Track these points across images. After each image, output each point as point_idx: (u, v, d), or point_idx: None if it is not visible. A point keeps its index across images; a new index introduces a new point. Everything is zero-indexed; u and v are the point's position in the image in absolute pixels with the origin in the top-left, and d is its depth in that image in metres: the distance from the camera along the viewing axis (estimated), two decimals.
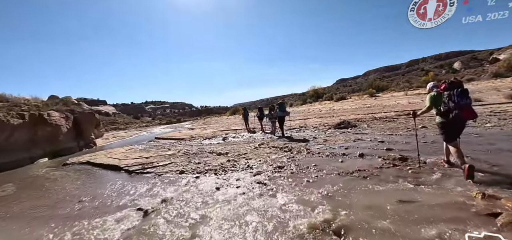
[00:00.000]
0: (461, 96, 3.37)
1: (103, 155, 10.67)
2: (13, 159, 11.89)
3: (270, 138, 9.41)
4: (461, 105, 3.36)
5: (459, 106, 3.37)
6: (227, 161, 6.48)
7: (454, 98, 3.39)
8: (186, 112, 76.27)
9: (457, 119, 3.46)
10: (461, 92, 3.39)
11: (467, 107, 3.38)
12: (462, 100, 3.36)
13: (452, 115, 3.46)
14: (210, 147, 9.26)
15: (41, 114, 13.73)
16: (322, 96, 34.13)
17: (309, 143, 7.32)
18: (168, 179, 5.80)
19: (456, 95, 3.39)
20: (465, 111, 3.39)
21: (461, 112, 3.38)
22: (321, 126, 11.49)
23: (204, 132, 15.85)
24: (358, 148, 5.95)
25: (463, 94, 3.38)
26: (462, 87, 3.44)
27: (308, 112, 20.02)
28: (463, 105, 3.36)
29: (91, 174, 7.90)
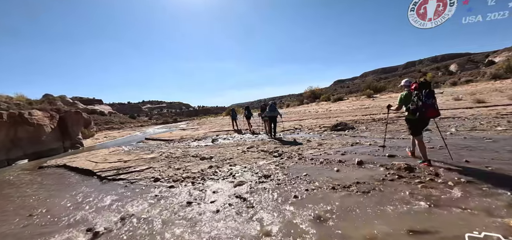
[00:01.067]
0: (428, 96, 3.70)
1: (83, 157, 9.85)
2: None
3: (261, 141, 8.64)
4: (428, 105, 3.69)
5: (426, 105, 3.69)
6: (209, 167, 5.70)
7: (423, 97, 3.71)
8: (183, 112, 75.26)
9: (423, 117, 3.80)
10: (429, 92, 3.71)
11: (432, 106, 3.71)
12: (428, 100, 3.69)
13: (420, 113, 3.78)
14: (197, 149, 8.47)
15: (22, 113, 12.85)
16: (319, 97, 33.43)
17: (302, 147, 6.55)
18: (139, 188, 5.05)
19: (424, 95, 3.70)
20: (431, 110, 3.72)
21: (427, 110, 3.71)
22: (316, 127, 10.74)
23: (195, 133, 15.04)
24: (356, 154, 5.19)
25: (430, 94, 3.71)
26: (430, 88, 3.76)
27: (304, 112, 19.28)
28: (429, 104, 3.69)
29: (61, 179, 7.09)
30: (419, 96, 3.76)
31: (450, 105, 12.45)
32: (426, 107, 3.71)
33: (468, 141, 5.41)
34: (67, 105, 50.69)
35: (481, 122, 7.57)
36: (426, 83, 3.82)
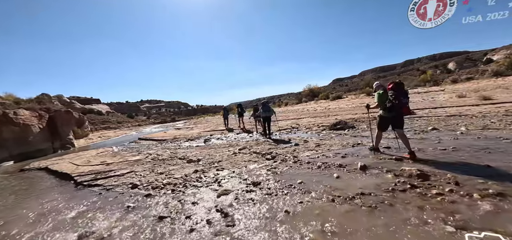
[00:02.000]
0: (404, 95, 4.04)
1: (68, 159, 9.22)
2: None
3: (255, 141, 8.01)
4: (403, 103, 4.03)
5: (401, 103, 4.02)
6: (194, 171, 5.08)
7: (399, 96, 4.01)
8: (182, 111, 74.48)
9: (399, 114, 4.14)
10: (404, 92, 4.06)
11: (406, 105, 4.09)
12: (404, 99, 4.03)
13: (395, 110, 4.10)
14: (186, 150, 7.84)
15: (6, 112, 12.19)
16: (318, 95, 32.79)
17: (298, 148, 5.93)
18: (113, 196, 4.45)
19: (400, 95, 4.01)
20: (405, 108, 4.11)
21: (402, 108, 4.07)
22: (314, 126, 10.12)
23: (189, 133, 14.41)
24: (358, 157, 4.58)
25: (405, 94, 4.08)
26: (404, 88, 4.11)
27: (302, 111, 18.65)
28: (405, 103, 4.05)
29: (37, 185, 6.46)
30: (395, 95, 4.03)
31: (454, 102, 11.85)
32: (401, 105, 4.06)
33: (483, 141, 4.79)
34: (64, 105, 49.93)
35: (491, 120, 6.95)
36: (401, 84, 4.18)
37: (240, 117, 12.62)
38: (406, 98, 4.10)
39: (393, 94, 4.04)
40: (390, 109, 4.16)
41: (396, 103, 4.03)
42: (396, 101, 4.01)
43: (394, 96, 4.04)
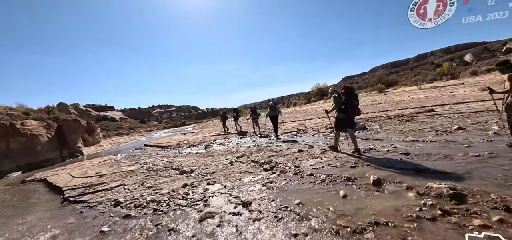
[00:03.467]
0: (355, 98, 4.60)
1: (68, 170, 8.95)
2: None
3: (256, 147, 7.36)
4: (355, 105, 4.59)
5: (353, 105, 4.58)
6: (183, 185, 4.52)
7: (350, 99, 4.56)
8: (192, 115, 74.90)
9: (351, 115, 4.66)
10: (355, 95, 4.63)
11: (357, 106, 4.64)
12: (355, 101, 4.59)
13: (349, 112, 4.62)
14: (183, 159, 7.31)
15: (13, 123, 12.19)
16: (327, 94, 31.71)
17: (301, 156, 5.22)
18: (93, 215, 4.02)
19: (351, 98, 4.57)
20: (357, 109, 4.65)
21: (354, 109, 4.61)
22: (322, 128, 9.34)
23: (193, 138, 13.96)
24: (370, 166, 3.83)
25: (356, 97, 4.63)
26: (354, 92, 4.70)
27: (310, 111, 17.78)
28: (356, 104, 4.61)
29: (27, 199, 6.16)
30: (348, 98, 4.52)
31: (478, 96, 10.67)
32: (354, 107, 4.53)
33: None
34: (80, 113, 51.41)
35: None
36: (351, 89, 4.70)
37: (235, 121, 13.29)
38: (356, 100, 4.63)
39: (347, 98, 4.57)
40: (344, 111, 4.64)
41: (349, 106, 4.56)
42: (349, 104, 4.55)
43: (346, 100, 4.56)
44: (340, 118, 4.79)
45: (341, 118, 4.76)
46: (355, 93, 4.65)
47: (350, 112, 4.60)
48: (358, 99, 4.65)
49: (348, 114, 4.62)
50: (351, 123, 4.73)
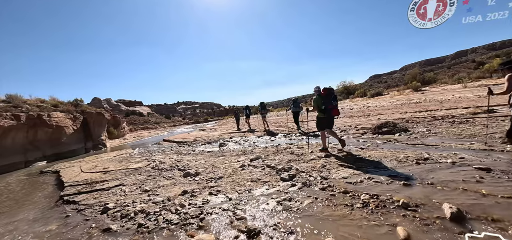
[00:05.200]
0: (334, 99, 4.71)
1: (84, 163, 8.72)
2: (5, 163, 10.66)
3: (274, 148, 6.34)
4: (334, 106, 4.70)
5: (332, 106, 4.69)
6: (182, 192, 3.69)
7: (330, 100, 4.66)
8: (215, 111, 75.64)
9: (330, 115, 4.76)
10: (334, 97, 4.72)
11: (335, 107, 4.74)
12: (334, 102, 4.71)
13: (328, 112, 4.73)
14: (193, 158, 6.54)
15: (40, 115, 12.51)
16: (354, 92, 29.43)
17: (330, 163, 4.10)
18: (74, 223, 3.54)
19: (330, 99, 4.66)
20: (334, 110, 4.75)
21: (332, 110, 4.72)
22: (352, 129, 8.02)
23: (211, 134, 13.32)
24: (434, 186, 2.62)
25: (335, 98, 4.73)
26: (333, 94, 4.75)
27: None
28: (334, 106, 4.72)
29: (30, 194, 5.90)
30: (328, 99, 4.65)
31: None
32: (332, 108, 4.70)
33: None
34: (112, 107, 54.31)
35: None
36: (332, 90, 4.77)
37: (247, 119, 13.16)
38: (335, 101, 4.70)
39: (327, 98, 4.63)
40: (324, 111, 4.71)
41: (328, 107, 4.64)
42: (329, 105, 4.63)
43: (325, 101, 4.63)
44: (320, 118, 4.90)
45: (321, 118, 4.88)
46: (334, 95, 4.76)
47: (329, 112, 4.72)
48: (337, 100, 4.79)
49: (327, 114, 4.75)
50: (330, 123, 4.86)
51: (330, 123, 4.85)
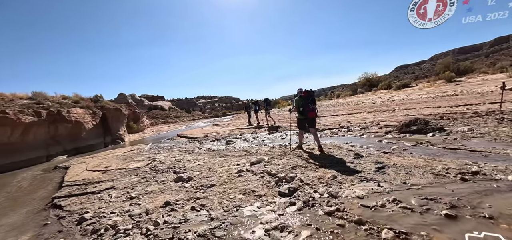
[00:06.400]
0: (311, 102, 4.79)
1: (92, 160, 8.68)
2: (28, 157, 11.09)
3: (281, 149, 5.62)
4: (310, 108, 4.79)
5: (309, 108, 4.79)
6: (163, 204, 3.16)
7: (307, 103, 4.78)
8: (233, 105, 75.72)
9: (307, 116, 4.83)
10: (311, 99, 4.80)
11: (312, 110, 4.81)
12: (311, 105, 4.79)
13: (305, 114, 4.83)
14: (195, 157, 6.04)
15: (60, 111, 12.87)
16: (377, 85, 27.31)
17: (341, 173, 3.29)
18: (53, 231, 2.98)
19: (308, 101, 4.78)
20: (311, 112, 4.80)
21: (308, 112, 4.80)
22: (373, 126, 7.01)
23: (223, 130, 12.87)
24: (493, 219, 1.77)
25: (312, 101, 4.81)
26: (312, 96, 4.84)
27: (356, 104, 14.90)
28: (311, 108, 4.79)
29: (34, 190, 5.73)
30: (306, 101, 4.77)
31: None
32: (309, 110, 4.78)
33: None
34: (136, 102, 56.52)
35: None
36: (311, 92, 4.84)
37: (256, 113, 12.84)
38: (313, 104, 4.82)
39: (305, 100, 4.79)
40: (302, 113, 4.87)
41: (306, 108, 4.79)
42: (306, 107, 4.78)
43: (306, 102, 4.78)
44: (300, 118, 5.02)
45: (301, 119, 5.00)
46: (313, 98, 4.85)
47: (306, 114, 4.81)
48: (315, 103, 4.87)
49: (305, 115, 4.85)
50: (310, 123, 4.90)
51: (310, 123, 4.90)
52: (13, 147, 10.70)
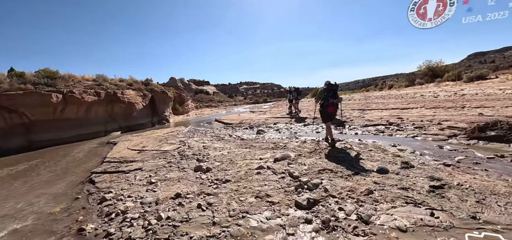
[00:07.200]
0: (332, 96, 4.64)
1: (134, 138, 9.45)
2: (90, 131, 12.80)
3: (313, 145, 5.00)
4: (330, 103, 4.64)
5: (328, 103, 4.65)
6: (174, 195, 3.02)
7: (328, 96, 4.65)
8: (275, 92, 75.04)
9: (326, 110, 4.72)
10: (333, 93, 4.66)
11: (331, 104, 4.64)
12: (331, 99, 4.64)
13: (324, 107, 4.73)
14: (222, 145, 5.90)
15: (116, 92, 14.37)
16: (442, 75, 23.15)
17: (384, 185, 2.60)
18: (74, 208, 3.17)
19: (329, 95, 4.65)
20: (330, 106, 4.66)
21: (327, 106, 4.67)
22: (433, 125, 5.75)
23: (258, 117, 12.60)
24: None
25: (333, 95, 4.66)
26: (333, 90, 4.67)
27: (412, 97, 12.77)
28: (330, 103, 4.64)
29: (81, 163, 6.45)
30: (327, 95, 4.65)
31: None
32: (328, 104, 4.65)
33: None
34: (184, 86, 60.68)
35: None
36: (333, 86, 4.67)
37: (290, 103, 12.21)
38: (333, 98, 4.64)
39: (327, 93, 4.66)
40: (322, 106, 4.76)
41: (326, 102, 4.67)
42: (326, 100, 4.66)
43: (326, 96, 4.67)
44: (320, 111, 4.89)
45: (321, 111, 4.87)
46: (335, 92, 4.67)
47: (325, 107, 4.70)
48: (336, 98, 4.65)
49: (324, 109, 4.74)
50: (329, 116, 4.77)
51: (329, 116, 4.80)
52: (79, 122, 12.42)
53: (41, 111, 10.77)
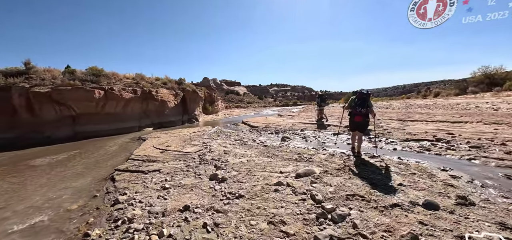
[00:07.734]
0: (360, 105, 4.44)
1: (162, 136, 9.73)
2: (126, 126, 13.67)
3: (342, 160, 4.43)
4: (357, 112, 4.47)
5: (355, 111, 4.50)
6: (182, 208, 2.81)
7: (356, 105, 4.48)
8: (305, 95, 73.09)
9: (353, 119, 4.59)
10: (361, 102, 4.44)
11: (359, 113, 4.45)
12: (358, 108, 4.46)
13: (352, 116, 4.61)
14: (243, 151, 5.62)
15: (150, 90, 15.17)
16: (502, 84, 19.87)
17: (431, 225, 2.02)
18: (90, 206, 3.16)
19: (357, 104, 4.47)
20: (357, 116, 4.50)
21: (355, 116, 4.52)
22: (495, 145, 4.72)
23: (285, 122, 12.12)
24: None
25: (361, 104, 4.43)
26: (363, 99, 4.43)
27: (465, 108, 11.01)
28: (357, 112, 4.47)
29: (110, 157, 6.77)
30: (356, 103, 4.48)
31: None
32: (355, 113, 4.49)
33: None
34: (216, 86, 62.50)
35: None
36: (365, 95, 4.44)
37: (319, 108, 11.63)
38: (361, 108, 4.42)
39: (356, 102, 4.48)
40: (350, 114, 4.64)
41: (353, 110, 4.51)
42: (354, 108, 4.50)
43: (355, 104, 4.50)
44: (350, 119, 4.74)
45: (350, 120, 4.72)
46: (364, 101, 4.42)
47: (353, 116, 4.56)
48: (365, 107, 4.41)
49: (351, 118, 4.61)
50: (357, 126, 4.58)
51: (357, 126, 4.58)
52: (117, 117, 13.34)
53: (85, 105, 11.80)
